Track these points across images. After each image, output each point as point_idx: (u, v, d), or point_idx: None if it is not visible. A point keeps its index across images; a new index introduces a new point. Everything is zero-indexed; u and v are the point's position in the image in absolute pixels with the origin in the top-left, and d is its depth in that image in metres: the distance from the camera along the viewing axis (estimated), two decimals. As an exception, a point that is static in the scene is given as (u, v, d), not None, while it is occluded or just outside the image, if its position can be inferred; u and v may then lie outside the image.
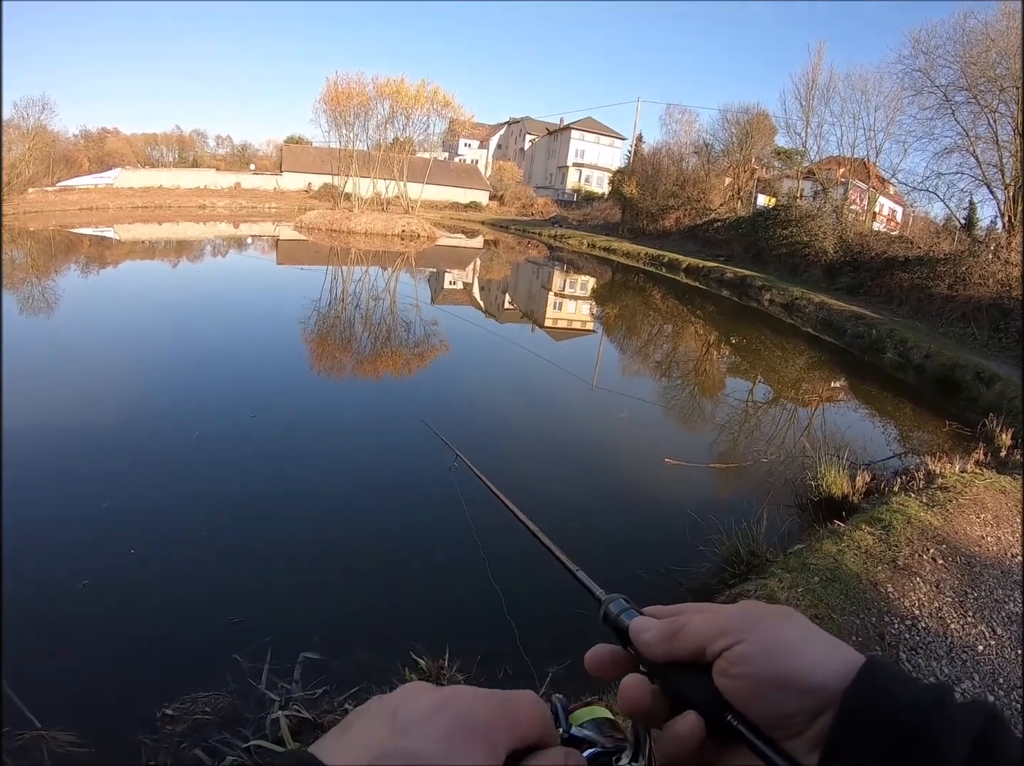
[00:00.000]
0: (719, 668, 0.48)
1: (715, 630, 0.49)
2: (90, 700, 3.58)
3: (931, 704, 0.42)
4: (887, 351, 16.77)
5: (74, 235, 29.09)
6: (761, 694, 0.46)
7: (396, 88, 40.01)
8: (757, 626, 0.49)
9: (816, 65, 33.54)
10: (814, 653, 0.47)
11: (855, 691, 0.43)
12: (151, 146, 70.54)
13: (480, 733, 0.42)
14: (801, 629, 0.49)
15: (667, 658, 0.51)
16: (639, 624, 0.54)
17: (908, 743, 0.40)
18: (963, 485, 6.85)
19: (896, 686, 0.43)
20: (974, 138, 23.25)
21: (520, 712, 0.47)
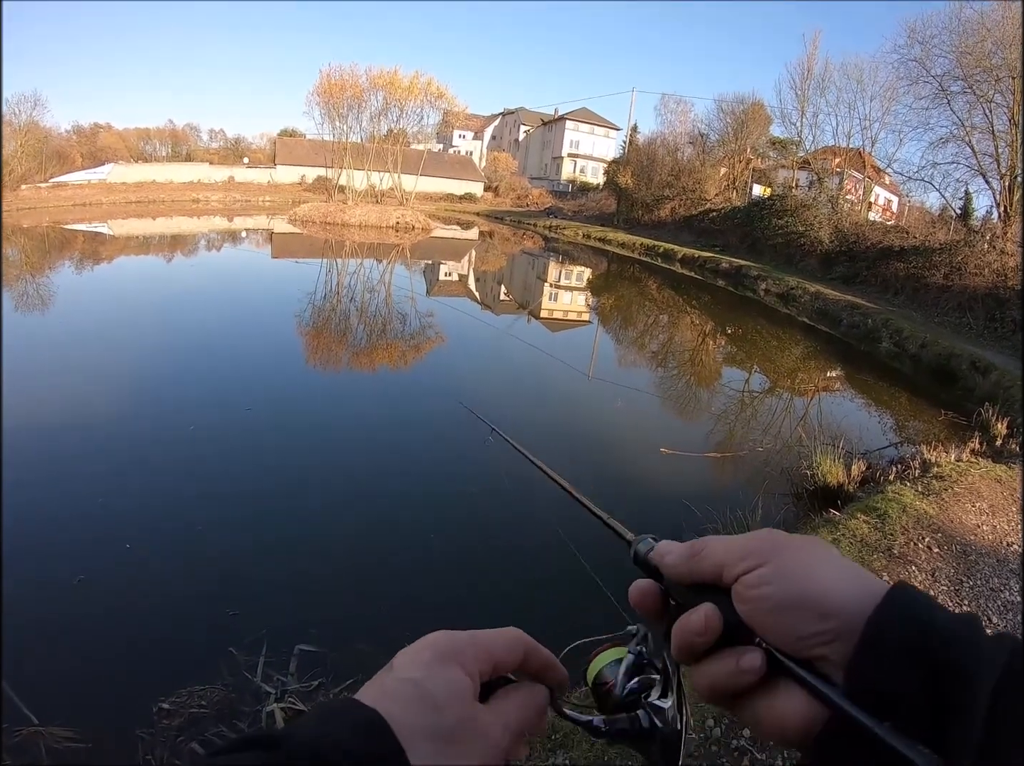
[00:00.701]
0: (737, 593, 0.48)
1: (736, 553, 0.50)
2: (87, 695, 3.57)
3: (962, 634, 0.41)
4: (883, 341, 16.78)
5: (68, 231, 29.00)
6: (777, 616, 0.46)
7: (390, 80, 39.81)
8: (778, 551, 0.49)
9: (811, 55, 33.50)
10: (835, 578, 0.46)
11: (881, 615, 0.43)
12: (144, 141, 70.11)
13: (452, 655, 0.48)
14: (824, 555, 0.49)
15: (689, 578, 0.52)
16: (663, 547, 0.56)
17: (936, 672, 0.40)
18: (959, 474, 6.86)
19: (925, 614, 0.43)
20: (970, 128, 23.18)
21: (495, 642, 0.52)
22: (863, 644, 0.42)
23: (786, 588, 0.46)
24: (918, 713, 0.39)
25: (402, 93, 40.10)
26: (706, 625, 0.48)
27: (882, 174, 34.11)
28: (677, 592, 0.53)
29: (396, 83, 39.88)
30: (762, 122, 39.43)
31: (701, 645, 0.49)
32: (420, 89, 40.47)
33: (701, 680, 0.50)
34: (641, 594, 0.56)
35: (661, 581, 0.55)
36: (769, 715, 0.46)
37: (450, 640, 0.50)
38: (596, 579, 4.54)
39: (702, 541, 0.53)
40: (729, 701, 0.49)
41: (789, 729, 0.45)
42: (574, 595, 4.69)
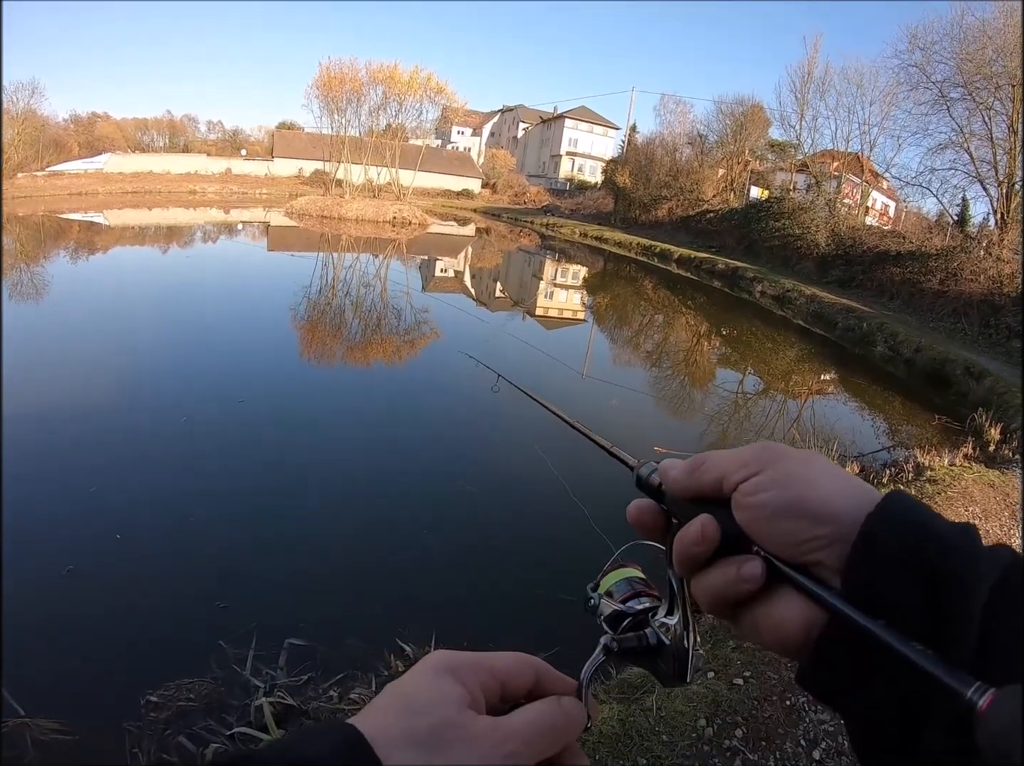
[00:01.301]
0: (736, 500, 0.49)
1: (735, 462, 0.50)
2: (74, 687, 3.55)
3: (959, 542, 0.42)
4: (877, 344, 16.82)
5: (63, 220, 28.87)
6: (775, 522, 0.47)
7: (389, 74, 39.74)
8: (776, 459, 0.49)
9: (812, 58, 33.51)
10: (832, 484, 0.47)
11: (877, 519, 0.43)
12: (141, 131, 69.93)
13: (446, 668, 0.48)
14: (822, 464, 0.49)
15: (692, 492, 0.53)
16: (667, 463, 0.56)
17: (932, 578, 0.40)
18: (952, 478, 6.88)
19: (922, 519, 0.43)
20: (968, 135, 23.24)
21: (498, 661, 0.51)
22: (859, 547, 0.43)
23: (784, 494, 0.47)
24: (913, 617, 0.40)
25: (402, 88, 40.03)
26: (703, 534, 0.49)
27: (880, 179, 34.15)
28: (679, 508, 0.55)
29: (396, 78, 39.81)
30: (761, 124, 39.48)
31: (700, 555, 0.50)
32: (420, 84, 40.40)
33: (702, 590, 0.51)
34: (639, 511, 0.57)
35: (662, 502, 0.57)
36: (768, 621, 0.47)
37: (447, 656, 0.50)
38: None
39: (703, 455, 0.54)
40: (728, 611, 0.50)
41: (788, 635, 0.46)
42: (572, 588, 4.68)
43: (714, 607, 0.51)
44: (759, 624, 0.48)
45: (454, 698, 0.46)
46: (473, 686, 0.48)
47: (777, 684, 3.57)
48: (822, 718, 3.37)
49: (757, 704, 3.41)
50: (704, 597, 0.51)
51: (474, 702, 0.47)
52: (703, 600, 0.51)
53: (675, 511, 0.55)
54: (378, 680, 3.62)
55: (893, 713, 0.41)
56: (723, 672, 3.63)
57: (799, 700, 3.47)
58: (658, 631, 0.57)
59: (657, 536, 0.57)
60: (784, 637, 0.46)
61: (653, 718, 3.24)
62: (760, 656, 3.75)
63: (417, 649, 3.76)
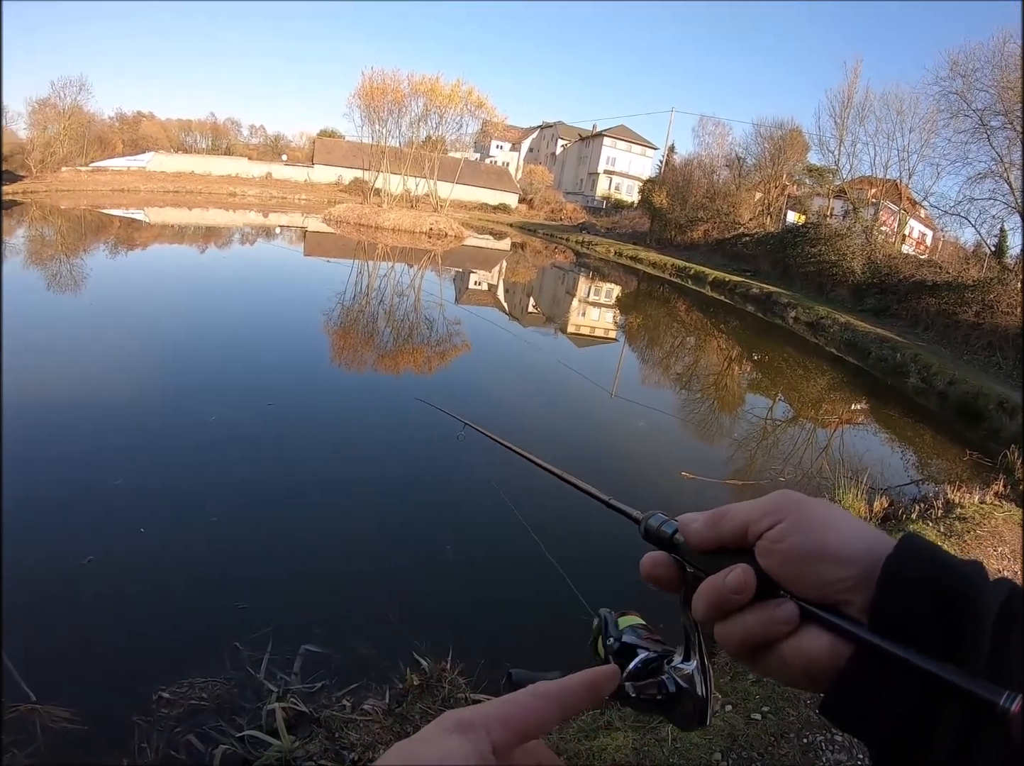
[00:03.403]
0: (761, 548, 0.51)
1: (758, 512, 0.52)
2: (87, 677, 3.57)
3: (969, 572, 0.45)
4: (910, 376, 16.62)
5: (105, 215, 29.35)
6: (800, 567, 0.49)
7: (431, 86, 40.03)
8: (797, 506, 0.51)
9: (852, 83, 33.34)
10: (850, 529, 0.49)
11: (898, 555, 0.46)
12: (185, 132, 70.90)
13: (456, 727, 0.47)
14: (839, 512, 0.52)
15: (714, 543, 0.54)
16: (687, 518, 0.58)
17: (949, 601, 0.43)
18: (982, 516, 6.75)
19: (936, 556, 0.46)
20: (1008, 164, 23.00)
21: (513, 709, 0.50)
22: (884, 582, 0.45)
23: (809, 539, 0.49)
24: (933, 639, 0.43)
25: (443, 100, 40.30)
26: (745, 583, 0.51)
27: (917, 207, 33.89)
28: (698, 559, 0.56)
29: (437, 90, 40.08)
30: (799, 148, 39.31)
31: (739, 602, 0.51)
32: (461, 97, 40.64)
33: (733, 634, 0.52)
34: (653, 564, 0.59)
35: (672, 552, 0.58)
36: (797, 657, 0.49)
37: (458, 714, 0.50)
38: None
39: (724, 508, 0.55)
40: (752, 653, 0.52)
41: (815, 666, 0.48)
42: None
43: (742, 650, 0.52)
44: (787, 661, 0.49)
45: (460, 756, 0.46)
46: (483, 743, 0.47)
47: (795, 721, 3.50)
48: (839, 759, 3.29)
49: (774, 741, 3.35)
50: (733, 641, 0.52)
51: (482, 759, 0.47)
52: (731, 643, 0.52)
53: (693, 562, 0.56)
54: (391, 692, 3.59)
55: (912, 729, 0.43)
56: (741, 706, 3.56)
57: (816, 739, 3.40)
58: (676, 677, 0.59)
59: (670, 587, 0.59)
60: (812, 670, 0.48)
61: (668, 749, 3.19)
62: (780, 691, 3.69)
63: (433, 663, 3.72)
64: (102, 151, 48.99)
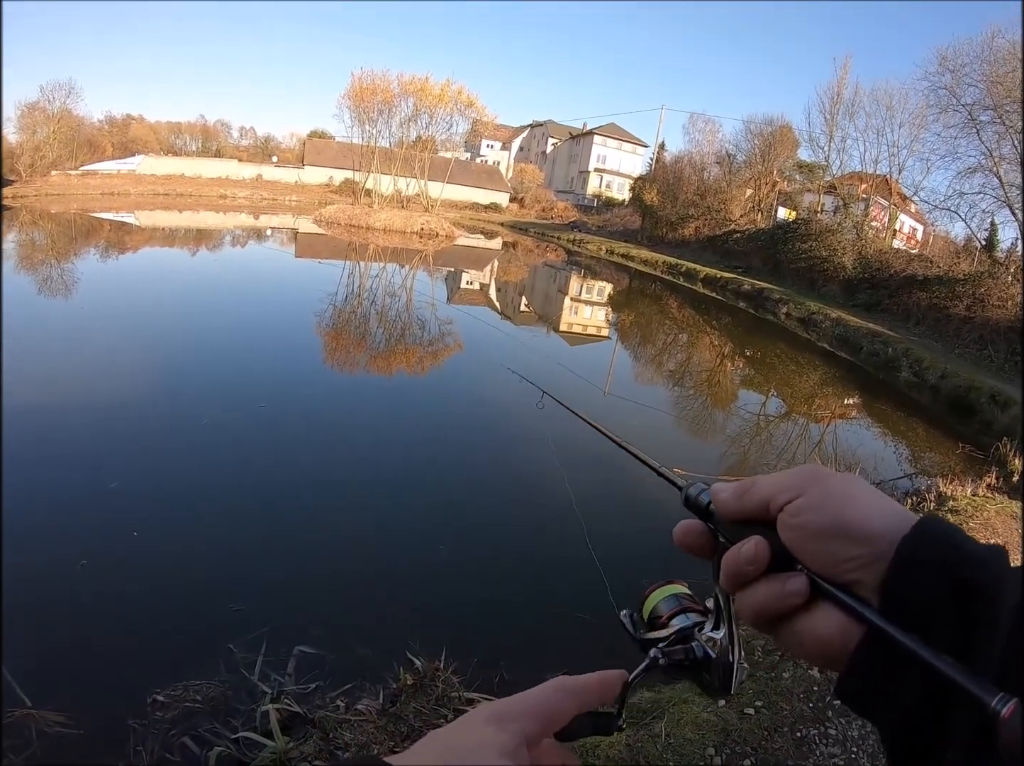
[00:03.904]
0: (782, 521, 0.51)
1: (781, 485, 0.53)
2: (82, 681, 3.57)
3: (989, 560, 0.44)
4: (902, 370, 16.68)
5: (95, 219, 29.26)
6: (818, 541, 0.49)
7: (420, 86, 39.97)
8: (820, 481, 0.51)
9: (841, 79, 33.41)
10: (871, 506, 0.49)
11: (914, 537, 0.45)
12: (175, 134, 70.79)
13: (490, 718, 0.50)
14: (863, 487, 0.51)
15: (741, 514, 0.55)
16: (717, 486, 0.59)
17: (964, 591, 0.42)
18: (974, 509, 6.77)
19: (955, 540, 0.45)
20: (998, 158, 23.10)
21: (539, 701, 0.53)
22: (897, 564, 0.45)
23: (827, 515, 0.49)
24: (946, 628, 0.43)
25: (432, 100, 40.26)
26: (756, 554, 0.52)
27: (908, 202, 34.00)
28: (726, 529, 0.57)
29: (427, 90, 40.04)
30: (789, 145, 39.34)
31: (751, 573, 0.52)
32: (450, 97, 40.61)
33: (747, 605, 0.53)
34: (686, 531, 0.60)
35: (708, 522, 0.59)
36: (809, 634, 0.50)
37: (494, 706, 0.52)
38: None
39: (751, 479, 0.56)
40: (770, 624, 0.52)
41: (827, 646, 0.48)
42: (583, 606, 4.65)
43: (757, 620, 0.53)
44: (801, 636, 0.50)
45: (494, 746, 0.47)
46: (516, 734, 0.49)
47: (789, 715, 3.51)
48: (832, 752, 3.31)
49: (767, 735, 3.36)
50: (749, 611, 0.53)
51: (516, 750, 0.48)
52: (747, 614, 0.54)
53: (723, 531, 0.58)
54: (385, 692, 3.60)
55: (924, 722, 0.43)
56: (734, 701, 3.58)
57: (810, 733, 3.41)
58: (705, 645, 0.60)
59: (701, 554, 0.60)
60: (824, 649, 0.49)
61: (661, 745, 3.20)
62: (772, 686, 3.70)
63: (426, 662, 3.72)
64: (92, 154, 48.84)
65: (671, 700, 3.49)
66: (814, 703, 3.62)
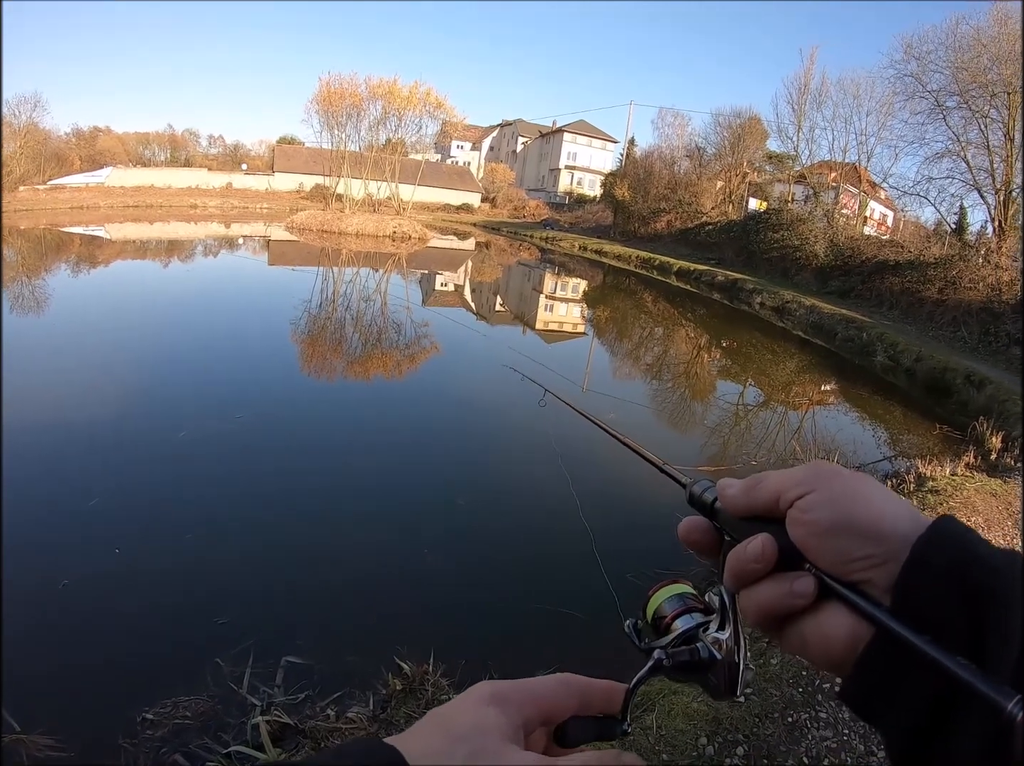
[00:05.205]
0: (791, 517, 0.50)
1: (791, 480, 0.52)
2: (70, 703, 3.53)
3: (1004, 564, 0.43)
4: (877, 354, 16.83)
5: (64, 234, 28.94)
6: (828, 538, 0.48)
7: (389, 89, 39.92)
8: (831, 478, 0.50)
9: (808, 70, 33.68)
10: (883, 505, 0.48)
11: (927, 539, 0.44)
12: (143, 145, 70.25)
13: (490, 698, 0.49)
14: (873, 485, 0.50)
15: (748, 510, 0.54)
16: (724, 482, 0.58)
17: (978, 596, 0.41)
18: (954, 488, 6.84)
19: (970, 543, 0.44)
20: (965, 143, 23.35)
21: (541, 688, 0.53)
22: (909, 568, 0.44)
23: (838, 512, 0.48)
24: (959, 634, 0.41)
25: (401, 103, 40.22)
26: (763, 552, 0.51)
27: (877, 189, 34.25)
28: (732, 526, 0.56)
29: (395, 93, 39.99)
30: (759, 136, 39.63)
31: (758, 572, 0.51)
32: (419, 99, 40.61)
33: (752, 604, 0.52)
34: (691, 528, 0.59)
35: (712, 519, 0.59)
36: (816, 635, 0.49)
37: (494, 686, 0.51)
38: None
39: (759, 475, 0.55)
40: (775, 625, 0.52)
41: (834, 649, 0.47)
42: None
43: (762, 621, 0.52)
44: (806, 637, 0.49)
45: (496, 728, 0.47)
46: (516, 717, 0.49)
47: (779, 701, 3.54)
48: (824, 735, 3.34)
49: (759, 722, 3.38)
50: (753, 611, 0.52)
51: (515, 734, 0.48)
52: (752, 614, 0.53)
53: (729, 528, 0.57)
54: (375, 698, 3.59)
55: (932, 727, 0.42)
56: (724, 689, 3.59)
57: (801, 717, 3.44)
58: (710, 646, 0.58)
59: (707, 553, 0.59)
60: (830, 651, 0.48)
61: (653, 737, 3.21)
62: (761, 673, 3.73)
63: (415, 666, 3.72)
64: (59, 168, 48.31)
65: (661, 692, 3.50)
66: (803, 688, 3.65)
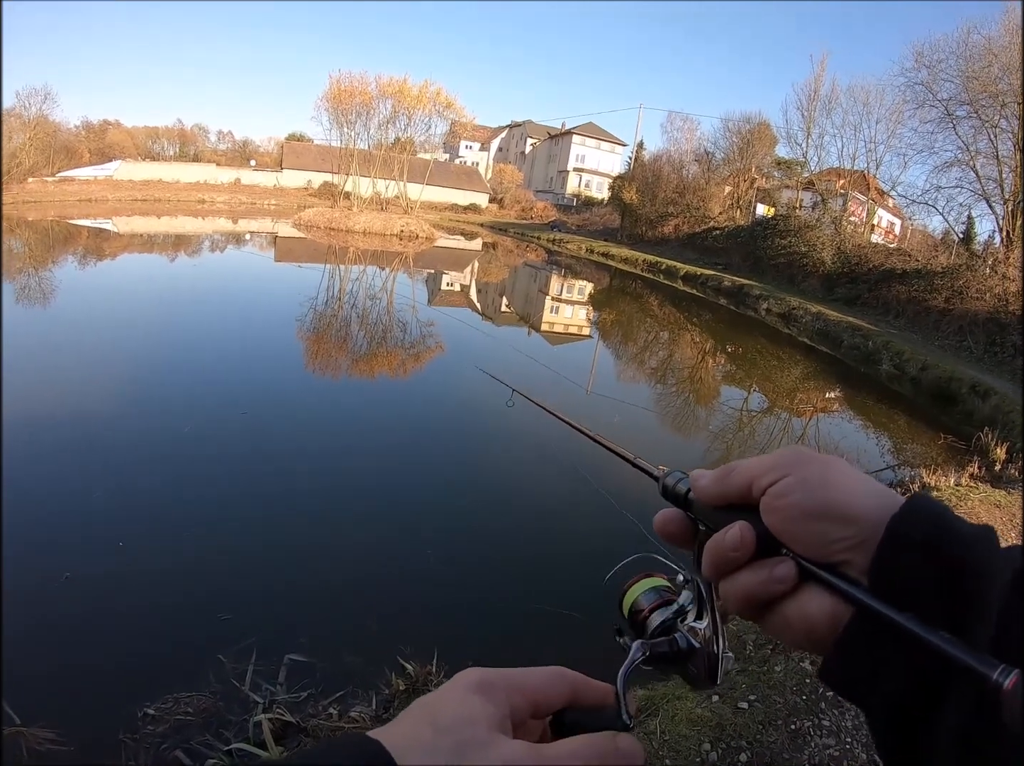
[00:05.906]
0: (765, 503, 0.50)
1: (764, 467, 0.52)
2: (71, 697, 3.52)
3: (979, 540, 0.44)
4: (883, 363, 16.78)
5: (72, 226, 29.02)
6: (804, 523, 0.48)
7: (399, 88, 39.97)
8: (804, 462, 0.50)
9: (819, 76, 33.70)
10: (856, 488, 0.48)
11: (902, 516, 0.45)
12: (152, 139, 70.39)
13: (477, 687, 0.48)
14: (846, 469, 0.51)
15: (721, 499, 0.54)
16: (697, 472, 0.58)
17: (954, 570, 0.42)
18: (958, 499, 6.82)
19: (944, 519, 0.44)
20: (974, 152, 23.34)
21: (530, 678, 0.52)
22: (885, 546, 0.44)
23: (812, 496, 0.48)
24: (935, 607, 0.42)
25: (411, 102, 40.26)
26: (742, 540, 0.50)
27: (886, 197, 34.23)
28: (707, 516, 0.56)
29: (405, 92, 40.04)
30: (767, 142, 39.59)
31: (737, 560, 0.51)
32: (429, 99, 40.67)
33: (733, 592, 0.52)
34: (666, 520, 0.59)
35: (687, 510, 0.59)
36: (797, 618, 0.49)
37: (480, 673, 0.50)
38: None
39: (732, 463, 0.55)
40: (757, 611, 0.52)
41: (815, 630, 0.48)
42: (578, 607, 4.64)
43: (744, 608, 0.52)
44: (789, 620, 0.49)
45: (483, 717, 0.46)
46: (503, 706, 0.48)
47: (782, 708, 3.52)
48: (827, 743, 3.32)
49: (762, 728, 3.37)
50: (735, 599, 0.52)
51: (503, 723, 0.47)
52: (734, 602, 0.53)
53: (703, 518, 0.57)
54: (378, 698, 3.58)
55: (914, 703, 0.42)
56: (728, 695, 3.58)
57: (804, 724, 3.42)
58: (688, 635, 0.59)
59: (683, 544, 0.59)
60: (812, 631, 0.48)
61: (657, 742, 3.20)
62: (765, 679, 3.71)
63: (418, 666, 3.71)
64: (69, 161, 48.34)
65: (665, 697, 3.49)
66: (807, 695, 3.63)
